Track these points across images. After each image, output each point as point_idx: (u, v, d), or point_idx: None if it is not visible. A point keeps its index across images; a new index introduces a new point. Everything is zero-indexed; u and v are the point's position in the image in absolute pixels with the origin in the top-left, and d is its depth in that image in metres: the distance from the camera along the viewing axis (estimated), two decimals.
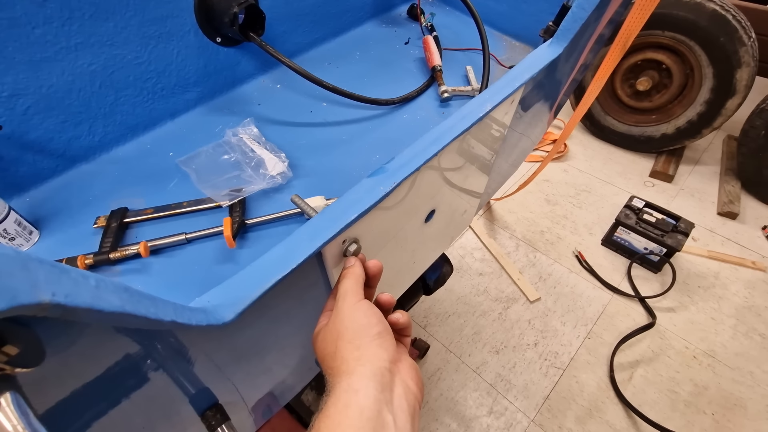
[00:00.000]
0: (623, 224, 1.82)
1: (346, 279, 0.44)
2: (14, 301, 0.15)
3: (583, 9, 0.63)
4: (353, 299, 0.41)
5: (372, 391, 0.34)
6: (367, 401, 0.33)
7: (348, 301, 0.41)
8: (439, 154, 0.53)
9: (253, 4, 0.68)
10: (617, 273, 1.86)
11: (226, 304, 0.37)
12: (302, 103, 0.80)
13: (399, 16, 1.04)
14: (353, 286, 0.43)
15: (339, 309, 0.41)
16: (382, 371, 0.36)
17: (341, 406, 0.33)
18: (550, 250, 1.96)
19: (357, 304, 0.41)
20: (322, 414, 0.33)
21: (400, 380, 0.38)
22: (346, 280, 0.44)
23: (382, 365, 0.36)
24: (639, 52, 2.12)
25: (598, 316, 1.71)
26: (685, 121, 2.13)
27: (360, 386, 0.34)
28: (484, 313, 1.74)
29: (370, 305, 0.42)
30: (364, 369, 0.36)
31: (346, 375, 0.36)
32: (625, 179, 2.29)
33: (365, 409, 0.32)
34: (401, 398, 0.36)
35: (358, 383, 0.34)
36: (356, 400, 0.33)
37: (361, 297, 0.42)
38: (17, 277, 0.16)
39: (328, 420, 0.32)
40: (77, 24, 0.57)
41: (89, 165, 0.67)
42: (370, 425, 0.31)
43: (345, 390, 0.34)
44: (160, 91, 0.71)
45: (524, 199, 2.19)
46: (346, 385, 0.35)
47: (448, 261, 1.09)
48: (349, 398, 0.33)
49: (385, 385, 0.35)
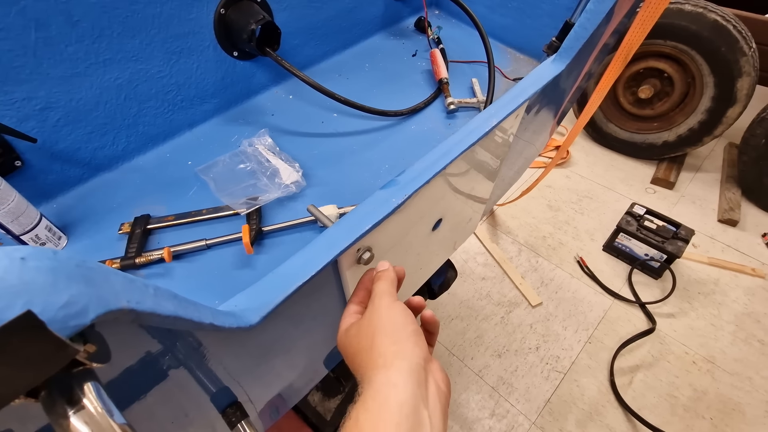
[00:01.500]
0: (624, 231, 1.84)
1: (382, 281, 0.46)
2: (107, 307, 0.18)
3: (585, 29, 0.66)
4: (389, 299, 0.43)
5: (410, 386, 0.34)
6: (405, 396, 0.33)
7: (385, 301, 0.43)
8: (447, 167, 0.56)
9: (270, 20, 0.71)
10: (618, 279, 1.88)
11: (252, 309, 0.40)
12: (314, 113, 0.83)
13: (407, 29, 1.08)
14: (389, 287, 0.45)
15: (376, 307, 0.43)
16: (419, 368, 0.36)
17: (381, 399, 0.33)
18: (552, 256, 1.99)
19: (393, 304, 0.43)
20: (361, 406, 0.34)
21: (433, 379, 0.38)
22: (381, 281, 0.46)
23: (418, 362, 0.37)
24: (641, 61, 2.15)
25: (599, 321, 1.73)
26: (686, 129, 2.16)
27: (399, 381, 0.35)
28: (486, 317, 1.76)
29: (405, 307, 0.44)
30: (402, 364, 0.36)
31: (384, 369, 0.36)
32: (626, 186, 2.31)
33: (404, 404, 0.33)
34: (435, 397, 0.37)
35: (397, 378, 0.35)
36: (395, 394, 0.34)
37: (396, 298, 0.44)
38: (105, 288, 0.19)
39: (367, 413, 0.33)
40: (106, 41, 0.60)
41: (112, 173, 0.70)
42: (409, 421, 0.32)
43: (384, 384, 0.35)
44: (179, 103, 0.74)
45: (527, 205, 2.22)
46: (385, 379, 0.35)
47: (452, 266, 1.11)
48: (389, 392, 0.34)
49: (421, 381, 0.36)
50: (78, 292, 0.17)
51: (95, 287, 0.19)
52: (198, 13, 0.69)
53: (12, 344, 0.14)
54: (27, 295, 0.15)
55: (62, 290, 0.16)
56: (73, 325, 0.16)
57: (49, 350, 0.16)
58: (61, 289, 0.16)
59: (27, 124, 0.58)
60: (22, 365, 0.15)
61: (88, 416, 0.20)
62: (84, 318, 0.17)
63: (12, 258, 0.16)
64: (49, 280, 0.16)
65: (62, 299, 0.16)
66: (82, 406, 0.20)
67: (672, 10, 1.89)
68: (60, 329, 0.16)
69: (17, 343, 0.15)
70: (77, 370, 0.20)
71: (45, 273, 0.16)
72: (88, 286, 0.18)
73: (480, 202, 0.85)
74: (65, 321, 0.16)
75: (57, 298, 0.16)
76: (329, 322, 0.64)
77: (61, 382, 0.20)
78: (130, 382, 0.35)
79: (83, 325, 0.17)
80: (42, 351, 0.16)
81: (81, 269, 0.18)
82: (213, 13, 0.70)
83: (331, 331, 0.68)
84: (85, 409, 0.20)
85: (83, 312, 0.17)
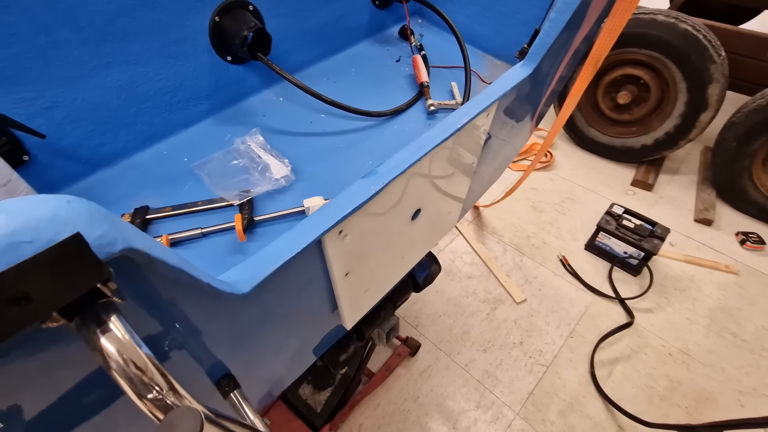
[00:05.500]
0: (604, 230, 1.92)
1: None
2: (129, 244, 0.23)
3: (549, 35, 0.73)
4: None
5: None
6: None
7: None
8: (423, 159, 0.62)
9: (261, 27, 0.77)
10: (599, 276, 1.95)
11: (244, 280, 0.45)
12: (303, 114, 0.89)
13: (391, 36, 1.14)
14: None
15: None
16: None
17: None
18: (535, 255, 2.06)
19: None
20: None
21: None
22: None
23: None
24: (619, 68, 2.25)
25: (581, 316, 1.79)
26: (662, 133, 2.26)
27: None
28: (472, 313, 1.82)
29: None
30: None
31: None
32: (607, 188, 2.40)
33: None
34: None
35: None
36: None
37: None
38: (127, 232, 0.24)
39: None
40: (109, 46, 0.65)
41: (112, 170, 0.75)
42: None
43: None
44: (176, 104, 0.79)
45: (512, 206, 2.29)
46: None
47: (436, 260, 1.17)
48: None
49: None
50: (108, 230, 0.22)
51: (120, 230, 0.24)
52: (194, 20, 0.74)
53: (63, 259, 0.20)
54: (73, 226, 0.20)
55: (97, 226, 0.21)
56: (106, 252, 0.21)
57: (90, 267, 0.21)
58: (97, 225, 0.21)
59: (35, 121, 0.63)
60: (70, 277, 0.20)
61: (114, 339, 0.25)
62: (113, 248, 0.22)
63: (60, 200, 0.21)
64: (88, 218, 0.21)
65: (98, 232, 0.21)
66: (109, 329, 0.25)
67: (646, 20, 1.99)
68: (97, 253, 0.21)
69: (67, 258, 0.20)
70: (103, 301, 0.25)
71: (85, 213, 0.21)
72: (115, 228, 0.23)
73: (458, 196, 0.91)
74: (100, 248, 0.21)
75: (94, 231, 0.21)
76: (316, 300, 0.69)
77: (91, 309, 0.25)
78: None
79: (113, 254, 0.22)
80: (84, 266, 0.21)
81: (110, 216, 0.23)
82: (208, 21, 0.76)
83: (318, 312, 0.73)
84: (112, 332, 0.25)
85: (113, 243, 0.22)
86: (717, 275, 1.93)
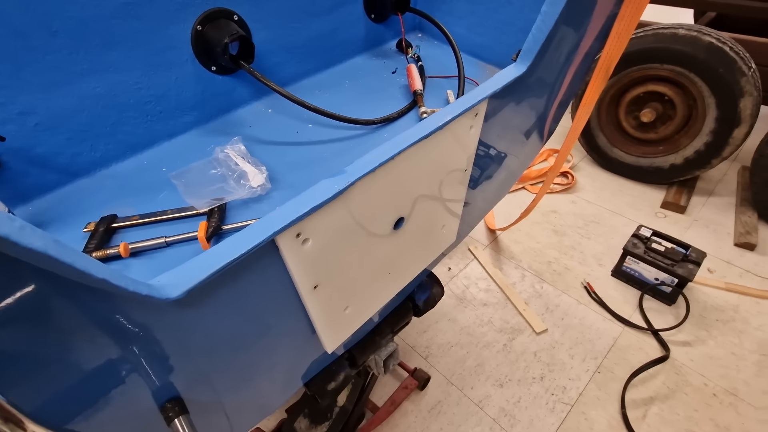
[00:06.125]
0: (631, 253, 1.77)
1: None
2: None
3: (541, 30, 0.67)
4: None
5: None
6: None
7: None
8: (397, 158, 0.56)
9: (243, 35, 0.75)
10: (628, 305, 1.79)
11: (174, 284, 0.40)
12: (290, 125, 0.86)
13: (389, 50, 1.12)
14: None
15: None
16: None
17: None
18: (557, 281, 1.92)
19: None
20: None
21: None
22: None
23: None
24: (640, 85, 2.15)
25: (609, 349, 1.63)
26: (692, 152, 2.12)
27: None
28: (488, 344, 1.69)
29: None
30: None
31: None
32: (635, 210, 2.25)
33: None
34: None
35: None
36: None
37: None
38: None
39: None
40: (84, 52, 0.65)
41: (89, 179, 0.73)
42: None
43: None
44: (159, 114, 0.78)
45: (531, 230, 2.17)
46: None
47: (438, 282, 1.09)
48: None
49: None
50: None
51: None
52: (176, 29, 0.74)
53: None
54: None
55: None
56: None
57: None
58: None
59: (6, 127, 0.62)
60: None
61: None
62: None
63: None
64: None
65: None
66: None
67: (667, 35, 1.92)
68: None
69: None
70: None
71: None
72: None
73: (452, 208, 0.84)
74: None
75: None
76: (289, 318, 0.63)
77: None
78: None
79: None
80: None
81: None
82: (190, 30, 0.75)
83: (296, 332, 0.66)
84: None
85: None
86: (766, 305, 1.73)
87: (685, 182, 2.30)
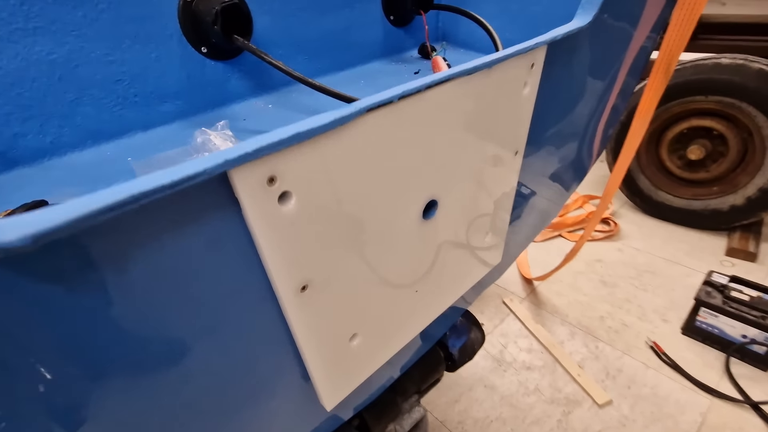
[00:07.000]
0: (706, 304, 1.47)
1: None
2: None
3: None
4: None
5: None
6: None
7: None
8: (427, 93, 0.38)
9: (236, 3, 0.63)
10: (712, 370, 1.44)
11: (18, 223, 0.21)
12: (290, 117, 0.71)
13: (410, 57, 1.00)
14: None
15: None
16: None
17: None
18: (615, 340, 1.60)
19: None
20: None
21: None
22: None
23: None
24: (683, 121, 1.99)
25: (698, 427, 1.26)
26: (755, 190, 1.87)
27: None
28: (537, 419, 1.35)
29: None
30: None
31: None
32: (695, 259, 1.95)
33: None
34: None
35: None
36: None
37: None
38: None
39: None
40: (38, 5, 0.53)
41: (33, 169, 0.58)
42: None
43: None
44: (132, 97, 0.64)
45: (574, 281, 1.89)
46: None
47: (476, 323, 0.84)
48: None
49: None
50: None
51: None
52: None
53: None
54: None
55: None
56: None
57: None
58: None
59: None
60: None
61: None
62: None
63: None
64: None
65: None
66: None
67: (708, 66, 1.79)
68: None
69: None
70: None
71: None
72: None
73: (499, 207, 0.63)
74: None
75: None
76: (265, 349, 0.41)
77: None
78: None
79: None
80: None
81: None
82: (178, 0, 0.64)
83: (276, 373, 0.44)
84: None
85: None
86: None
87: (749, 226, 2.02)
